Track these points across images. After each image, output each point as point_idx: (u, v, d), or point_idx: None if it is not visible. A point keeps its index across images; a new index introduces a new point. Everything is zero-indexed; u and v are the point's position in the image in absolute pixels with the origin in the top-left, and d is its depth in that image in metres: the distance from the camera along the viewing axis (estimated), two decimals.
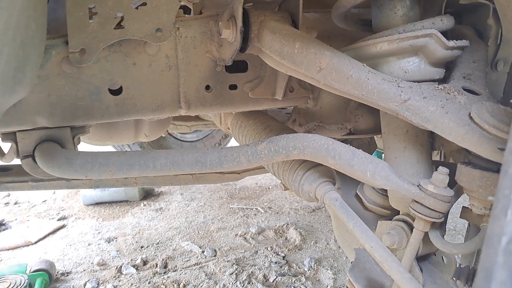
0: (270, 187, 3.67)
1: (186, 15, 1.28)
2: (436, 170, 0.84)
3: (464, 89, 0.89)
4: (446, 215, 1.00)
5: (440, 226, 0.93)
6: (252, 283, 2.21)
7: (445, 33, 0.95)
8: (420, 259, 1.00)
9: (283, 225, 2.88)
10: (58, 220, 3.16)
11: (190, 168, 0.96)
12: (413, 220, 0.91)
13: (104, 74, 0.95)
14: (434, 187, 0.81)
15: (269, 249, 2.58)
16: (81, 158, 0.90)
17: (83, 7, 0.85)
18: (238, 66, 1.10)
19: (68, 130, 0.98)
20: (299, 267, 2.38)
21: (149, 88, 0.99)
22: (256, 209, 3.20)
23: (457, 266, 1.02)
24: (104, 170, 0.90)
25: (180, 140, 3.50)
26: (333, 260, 2.44)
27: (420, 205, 0.83)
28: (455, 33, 1.14)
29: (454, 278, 1.03)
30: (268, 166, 1.14)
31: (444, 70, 0.94)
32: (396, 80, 0.85)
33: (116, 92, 0.98)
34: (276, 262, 2.41)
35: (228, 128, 1.50)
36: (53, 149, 0.93)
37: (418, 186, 0.83)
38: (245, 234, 2.78)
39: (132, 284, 2.24)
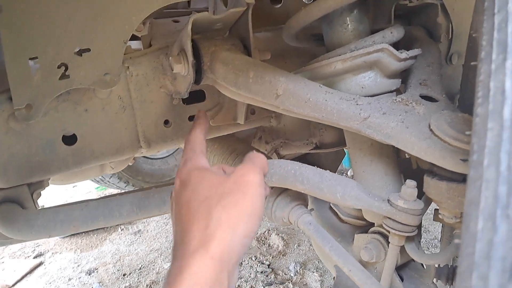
0: None
1: (135, 47, 1.25)
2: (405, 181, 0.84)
3: (422, 97, 0.89)
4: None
5: (417, 233, 0.94)
6: None
7: (396, 44, 0.95)
8: (400, 267, 1.01)
9: (265, 232, 2.87)
10: (34, 257, 3.05)
11: (159, 209, 0.93)
12: (389, 232, 0.91)
13: (55, 126, 0.91)
14: (404, 201, 0.81)
15: (253, 258, 2.56)
16: (42, 217, 0.86)
17: (23, 60, 0.81)
18: (196, 96, 1.07)
19: (25, 187, 0.93)
20: (285, 273, 2.38)
21: (105, 132, 0.96)
22: None
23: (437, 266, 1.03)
24: (68, 226, 0.86)
25: (151, 159, 3.43)
26: (318, 262, 2.45)
27: (392, 221, 0.83)
28: (406, 36, 1.15)
29: (435, 279, 1.04)
30: None
31: (400, 80, 0.95)
32: (354, 98, 0.84)
33: (71, 141, 0.93)
34: (262, 272, 2.40)
35: None
36: (11, 211, 0.88)
37: (388, 202, 0.83)
38: None
39: None
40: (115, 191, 3.48)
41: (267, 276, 2.36)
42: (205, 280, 0.50)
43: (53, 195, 3.80)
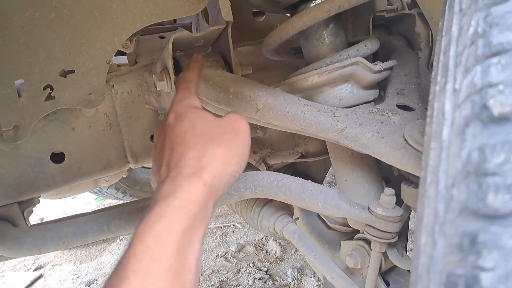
0: None
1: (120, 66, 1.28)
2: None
3: (399, 106, 0.92)
4: (407, 221, 1.03)
5: (401, 238, 0.96)
6: None
7: (375, 53, 0.98)
8: (386, 272, 1.03)
9: (262, 238, 2.89)
10: (34, 270, 3.06)
11: None
12: None
13: (44, 145, 0.93)
14: (383, 209, 0.83)
15: (251, 265, 2.58)
16: (31, 235, 0.88)
17: (9, 83, 0.83)
18: None
19: (16, 206, 0.95)
20: (282, 279, 2.39)
21: (92, 149, 0.98)
22: (233, 225, 3.20)
23: None
24: (57, 243, 0.89)
25: (148, 168, 3.45)
26: None
27: (373, 228, 0.85)
28: (386, 46, 1.18)
29: None
30: (229, 205, 1.14)
31: (378, 91, 0.97)
32: (331, 110, 0.87)
33: (59, 159, 0.96)
34: (259, 278, 2.42)
35: None
36: (1, 230, 0.91)
37: (368, 210, 0.85)
38: (225, 254, 2.77)
39: None
40: (114, 201, 3.51)
41: (265, 282, 2.38)
42: (196, 201, 0.54)
43: (52, 206, 3.82)
